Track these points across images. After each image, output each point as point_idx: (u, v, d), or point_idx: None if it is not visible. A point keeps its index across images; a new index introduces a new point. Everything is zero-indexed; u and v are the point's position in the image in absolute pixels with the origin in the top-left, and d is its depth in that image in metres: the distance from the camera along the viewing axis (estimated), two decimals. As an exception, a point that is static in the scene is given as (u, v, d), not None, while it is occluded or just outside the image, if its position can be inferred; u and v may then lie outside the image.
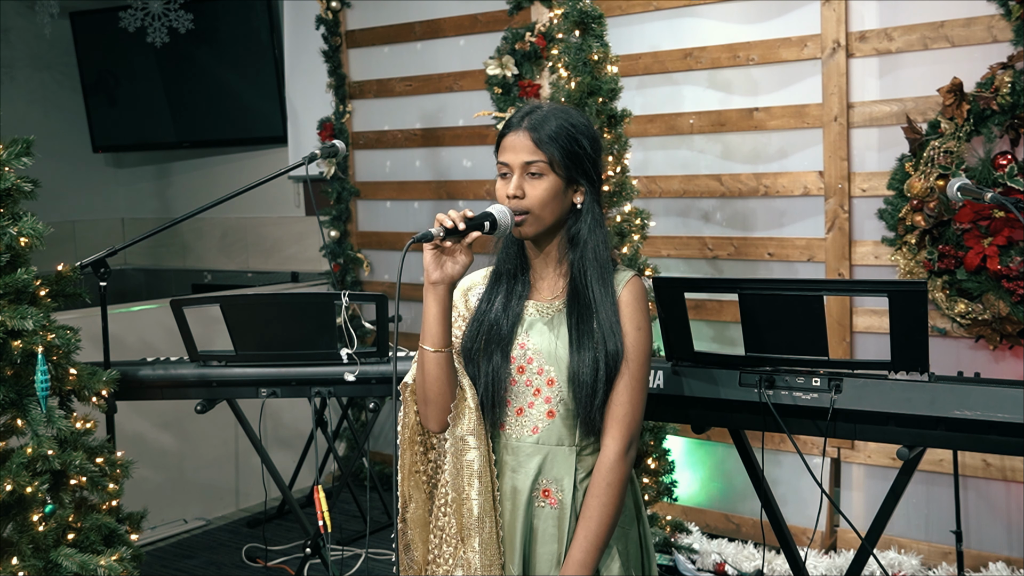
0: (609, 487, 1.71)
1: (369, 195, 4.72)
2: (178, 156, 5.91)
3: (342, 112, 4.63)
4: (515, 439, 1.77)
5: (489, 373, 1.76)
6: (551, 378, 1.75)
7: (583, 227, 1.76)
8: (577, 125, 1.75)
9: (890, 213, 3.15)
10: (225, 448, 4.31)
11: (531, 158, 1.72)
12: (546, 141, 1.71)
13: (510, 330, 1.78)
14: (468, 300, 1.86)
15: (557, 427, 1.75)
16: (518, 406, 1.77)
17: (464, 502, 1.73)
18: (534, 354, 1.76)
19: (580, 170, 1.75)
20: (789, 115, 3.44)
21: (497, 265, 1.85)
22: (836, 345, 3.33)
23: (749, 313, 2.20)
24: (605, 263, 1.76)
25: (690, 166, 3.69)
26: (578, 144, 1.74)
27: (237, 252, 5.63)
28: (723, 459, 3.66)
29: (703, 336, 3.65)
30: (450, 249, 1.68)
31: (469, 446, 1.73)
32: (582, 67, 3.12)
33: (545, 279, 1.82)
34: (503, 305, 1.80)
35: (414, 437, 1.81)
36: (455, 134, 4.36)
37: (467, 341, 1.80)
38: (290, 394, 2.91)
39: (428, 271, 1.68)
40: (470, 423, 1.74)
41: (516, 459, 1.77)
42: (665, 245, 3.76)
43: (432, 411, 1.75)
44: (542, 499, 1.76)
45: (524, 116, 1.75)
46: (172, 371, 2.93)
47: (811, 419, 2.17)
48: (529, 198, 1.72)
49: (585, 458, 1.77)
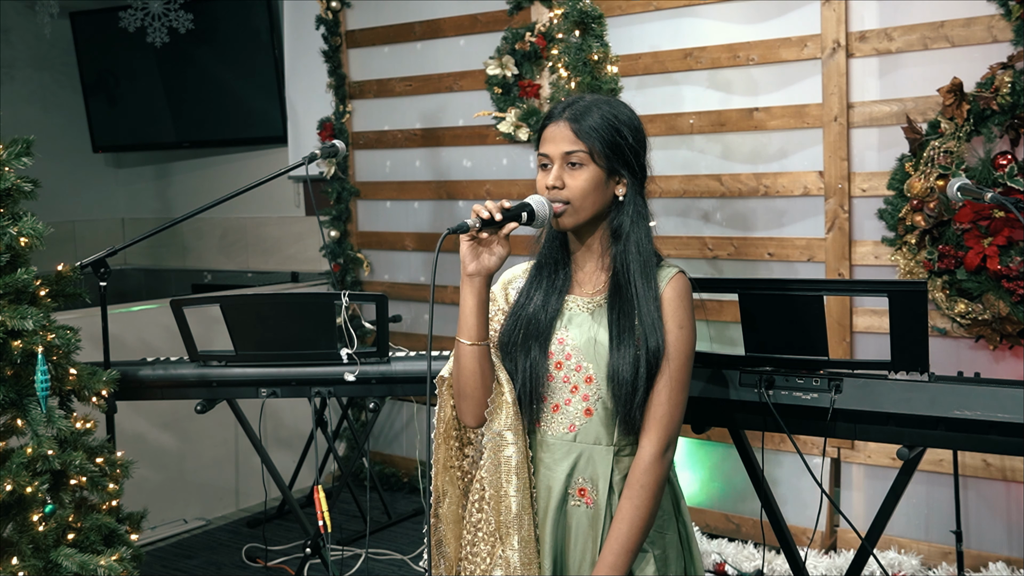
0: (643, 489, 1.67)
1: (369, 195, 4.71)
2: (178, 156, 5.91)
3: (342, 112, 4.63)
4: (551, 436, 1.74)
5: (527, 368, 1.72)
6: (589, 375, 1.72)
7: (625, 220, 1.73)
8: (620, 115, 1.72)
9: (890, 213, 3.15)
10: (225, 448, 4.31)
11: (571, 148, 1.69)
12: (587, 131, 1.68)
13: (549, 324, 1.74)
14: (508, 294, 1.83)
15: (595, 425, 1.72)
16: (554, 403, 1.74)
17: (502, 499, 1.70)
18: (572, 350, 1.73)
19: (622, 161, 1.71)
20: (789, 115, 3.44)
21: (539, 258, 1.82)
22: (836, 345, 3.32)
23: (749, 313, 2.20)
24: (648, 257, 1.72)
25: (690, 166, 3.69)
26: (620, 135, 1.70)
27: (237, 252, 5.63)
28: (723, 459, 3.66)
29: (703, 336, 3.63)
30: (487, 240, 1.66)
31: (507, 442, 1.70)
32: (582, 67, 3.11)
33: (586, 272, 1.78)
34: (543, 299, 1.77)
35: (449, 432, 1.79)
36: (455, 134, 4.36)
37: (504, 335, 1.76)
38: (290, 394, 2.90)
39: (464, 263, 1.66)
40: (507, 418, 1.71)
41: (551, 456, 1.74)
42: (665, 245, 3.76)
43: (468, 405, 1.72)
44: (577, 498, 1.73)
45: (566, 107, 1.73)
46: (172, 371, 2.93)
47: (811, 419, 2.17)
48: (569, 189, 1.69)
49: (623, 459, 1.73)
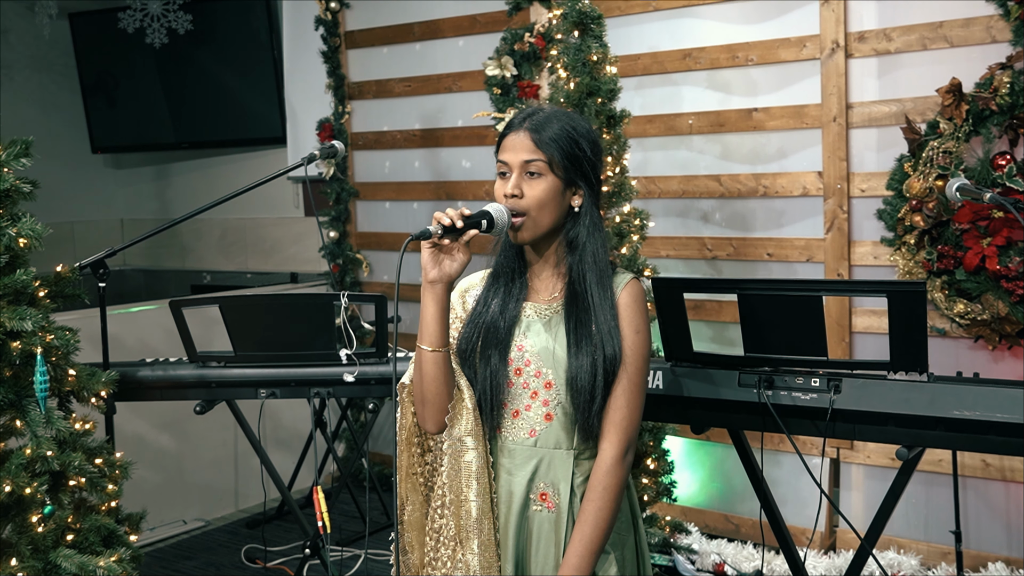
0: (605, 491, 1.70)
1: (368, 196, 4.71)
2: (177, 157, 5.90)
3: (341, 113, 4.63)
4: (512, 442, 1.77)
5: (487, 375, 1.75)
6: (549, 381, 1.75)
7: (581, 230, 1.76)
8: (578, 128, 1.75)
9: (889, 213, 3.15)
10: (224, 449, 4.30)
11: (530, 157, 1.72)
12: (547, 142, 1.71)
13: (507, 331, 1.77)
14: (466, 301, 1.86)
15: (555, 430, 1.75)
16: (515, 408, 1.76)
17: (462, 504, 1.73)
18: (531, 356, 1.76)
19: (579, 172, 1.74)
20: (788, 115, 3.44)
21: (495, 266, 1.84)
22: (835, 345, 3.32)
23: (748, 313, 2.20)
24: (604, 266, 1.75)
25: (689, 166, 3.69)
26: (578, 147, 1.73)
27: (236, 253, 5.63)
28: (722, 459, 3.66)
29: (702, 336, 3.65)
30: (448, 247, 1.68)
31: (467, 447, 1.73)
32: (581, 68, 3.11)
33: (543, 280, 1.81)
34: (500, 306, 1.79)
35: (411, 438, 1.81)
36: (454, 135, 4.36)
37: (463, 342, 1.79)
38: (289, 395, 2.90)
39: (426, 269, 1.68)
40: (468, 424, 1.73)
41: (512, 462, 1.76)
42: (664, 246, 3.76)
43: (429, 412, 1.74)
44: (539, 502, 1.75)
45: (526, 117, 1.76)
46: (171, 372, 2.93)
47: (810, 419, 2.17)
48: (527, 198, 1.72)
49: (583, 462, 1.76)
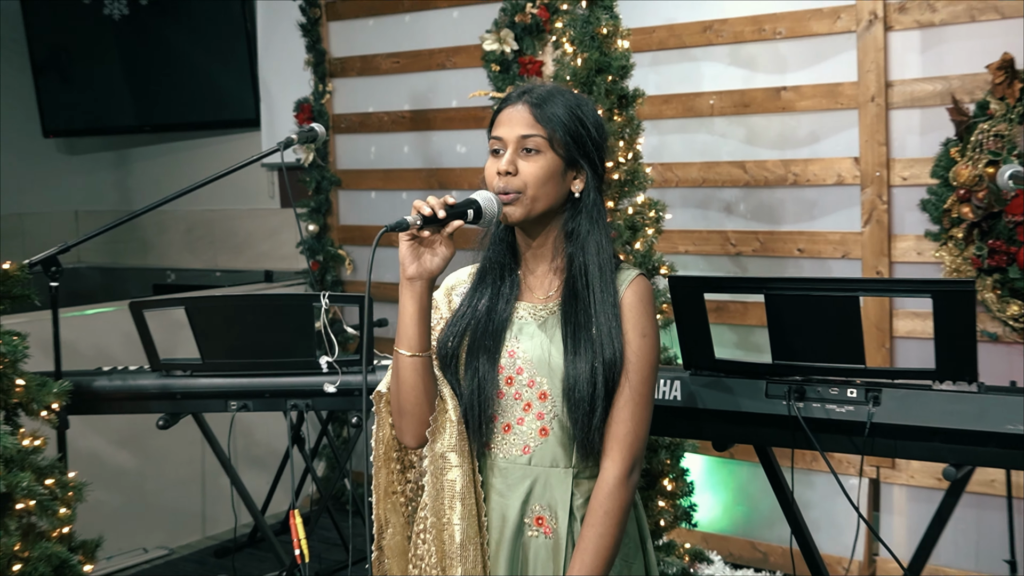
0: (607, 515, 1.69)
1: (352, 185, 4.71)
2: (138, 141, 5.90)
3: (322, 92, 4.63)
4: (503, 459, 1.76)
5: (474, 386, 1.74)
6: (543, 391, 1.74)
7: (583, 219, 1.75)
8: (583, 106, 1.76)
9: (934, 204, 3.15)
10: (190, 468, 4.30)
11: (528, 131, 1.72)
12: (548, 116, 1.72)
13: (497, 335, 1.76)
14: (452, 300, 1.85)
15: (551, 446, 1.74)
16: (506, 422, 1.76)
17: (445, 528, 1.72)
18: (524, 363, 1.75)
19: (582, 153, 1.74)
20: (821, 95, 3.44)
21: (483, 260, 1.84)
22: (874, 352, 3.32)
23: (777, 316, 2.20)
24: (607, 261, 1.75)
25: (710, 152, 3.69)
26: (583, 125, 1.74)
27: (204, 248, 5.62)
28: (748, 480, 3.66)
29: (725, 342, 3.65)
30: (428, 240, 1.67)
31: (450, 464, 1.72)
32: (589, 42, 3.11)
33: (537, 276, 1.81)
34: (489, 306, 1.79)
35: (390, 453, 1.81)
36: (448, 116, 4.35)
37: (446, 346, 1.78)
38: (263, 407, 2.90)
39: (404, 265, 1.68)
40: (451, 438, 1.73)
41: (504, 482, 1.75)
42: (682, 240, 3.76)
43: (408, 424, 1.74)
44: (534, 527, 1.75)
45: (524, 92, 1.76)
46: (131, 382, 2.93)
47: (846, 435, 2.16)
48: (523, 175, 1.71)
49: (583, 482, 1.75)
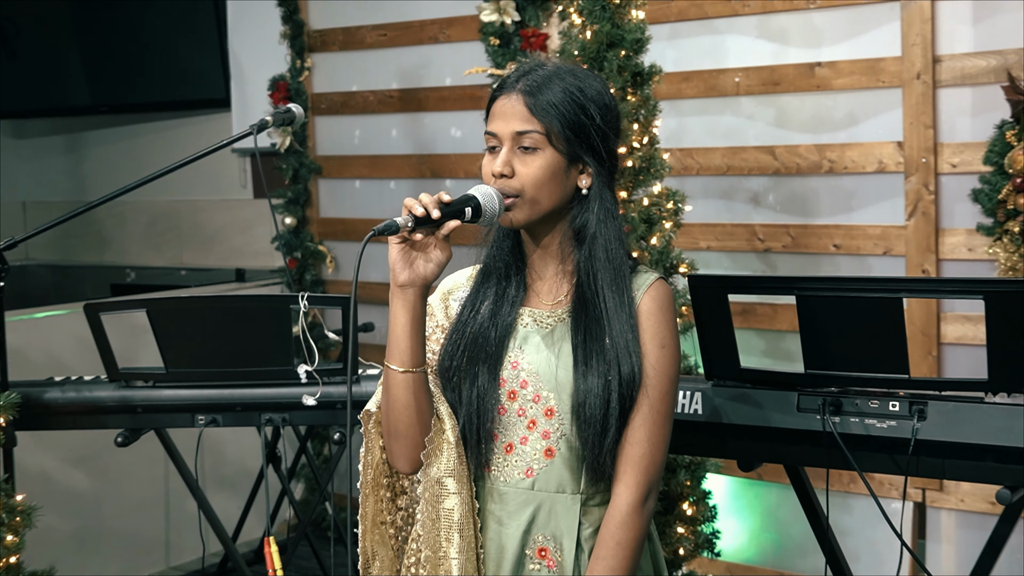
0: (619, 547, 1.69)
1: (334, 173, 4.71)
2: (94, 124, 5.90)
3: (300, 69, 4.63)
4: (503, 483, 1.76)
5: (473, 400, 1.75)
6: (550, 407, 1.74)
7: (590, 218, 1.76)
8: (587, 89, 1.75)
9: (987, 194, 3.14)
10: (152, 490, 4.30)
11: (524, 127, 1.72)
12: (544, 107, 1.71)
13: (499, 344, 1.77)
14: (449, 307, 1.86)
15: (557, 469, 1.74)
16: (507, 441, 1.76)
17: (441, 562, 1.72)
18: (529, 376, 1.75)
19: (586, 146, 1.74)
20: (860, 71, 3.44)
21: (486, 261, 1.84)
22: (919, 360, 3.32)
23: (810, 320, 2.20)
24: (620, 263, 1.75)
25: (735, 136, 3.69)
26: (585, 113, 1.73)
27: (168, 244, 5.62)
28: (777, 503, 3.66)
29: (752, 349, 3.64)
30: (422, 243, 1.68)
31: (448, 491, 1.72)
32: (600, 12, 3.11)
33: (545, 281, 1.82)
34: (491, 312, 1.79)
35: (379, 479, 1.81)
36: (441, 96, 4.35)
37: (445, 358, 1.79)
38: (234, 422, 2.90)
39: (394, 271, 1.68)
40: (449, 462, 1.73)
41: (504, 508, 1.76)
42: (704, 235, 3.75)
43: (401, 447, 1.74)
44: (536, 560, 1.75)
45: (521, 76, 1.75)
46: (86, 393, 2.93)
47: (888, 453, 2.16)
48: (519, 177, 1.72)
49: (592, 510, 1.76)
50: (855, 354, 2.18)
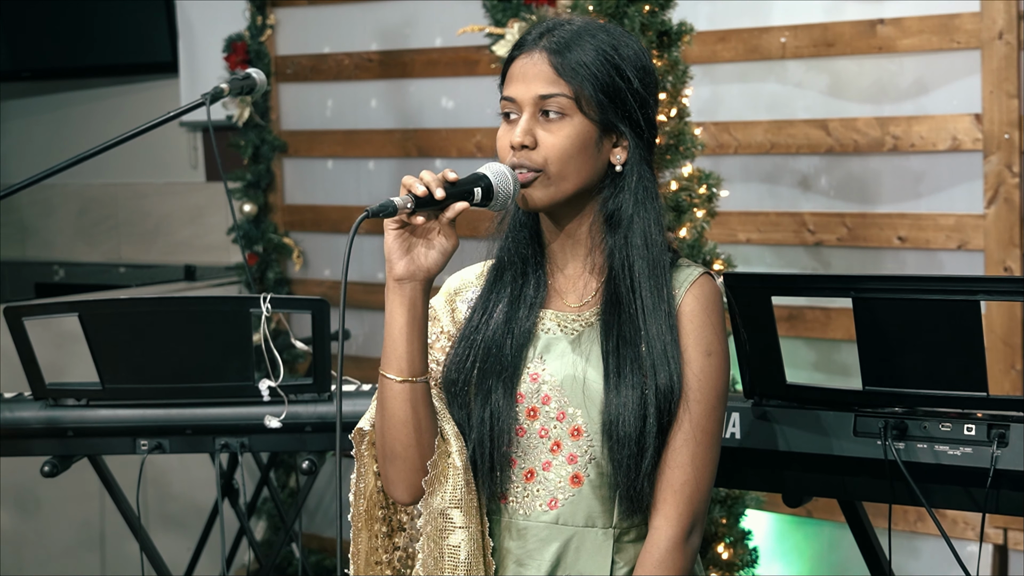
0: None
1: (302, 151, 4.71)
2: (14, 92, 5.90)
3: (261, 26, 4.63)
4: (522, 516, 1.77)
5: (486, 420, 1.75)
6: (576, 426, 1.75)
7: (626, 199, 1.76)
8: (622, 49, 1.75)
9: (1081, 177, 3.15)
10: (86, 529, 4.30)
11: (549, 90, 1.72)
12: (573, 67, 1.71)
13: (517, 353, 1.77)
14: (456, 309, 1.86)
15: (586, 499, 1.75)
16: (528, 468, 1.77)
17: None
18: (552, 390, 1.76)
19: (622, 113, 1.74)
20: (930, 31, 3.44)
21: (499, 256, 1.85)
22: (1000, 376, 3.33)
23: (869, 327, 2.20)
24: (660, 254, 1.75)
25: (781, 107, 3.70)
26: (622, 75, 1.73)
27: (104, 236, 5.63)
28: (832, 544, 3.66)
29: (801, 362, 3.65)
30: (423, 228, 1.68)
31: (453, 524, 1.73)
32: (619, -41, 3.12)
33: (569, 276, 1.82)
34: (506, 317, 1.80)
35: (373, 511, 1.82)
36: (429, 59, 4.36)
37: (452, 370, 1.79)
38: (184, 448, 2.91)
39: (391, 261, 1.68)
40: (455, 491, 1.73)
41: (524, 546, 1.77)
42: (743, 225, 3.76)
43: (398, 471, 1.75)
44: None
45: (544, 33, 1.76)
46: (6, 414, 2.93)
47: (963, 485, 2.17)
48: (543, 148, 1.72)
49: (627, 546, 1.77)
50: (923, 368, 2.19)
